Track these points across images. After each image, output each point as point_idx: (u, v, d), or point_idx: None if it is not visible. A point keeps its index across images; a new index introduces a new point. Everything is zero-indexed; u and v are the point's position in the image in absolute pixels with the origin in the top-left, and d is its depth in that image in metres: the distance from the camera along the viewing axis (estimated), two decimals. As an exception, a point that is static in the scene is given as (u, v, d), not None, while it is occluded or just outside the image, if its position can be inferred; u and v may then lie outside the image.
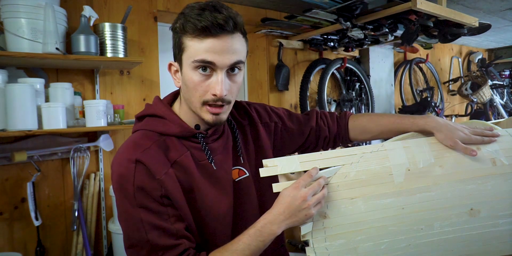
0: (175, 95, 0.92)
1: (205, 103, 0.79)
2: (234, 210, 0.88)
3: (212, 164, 0.85)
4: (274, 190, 0.81)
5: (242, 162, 0.93)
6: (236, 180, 0.90)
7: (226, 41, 0.75)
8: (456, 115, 3.97)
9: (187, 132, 0.84)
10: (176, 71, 0.84)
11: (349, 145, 1.08)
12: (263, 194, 0.96)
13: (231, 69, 0.78)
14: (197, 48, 0.75)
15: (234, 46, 0.76)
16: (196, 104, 0.80)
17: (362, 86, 3.08)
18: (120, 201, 0.78)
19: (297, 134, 1.05)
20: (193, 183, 0.82)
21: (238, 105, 1.01)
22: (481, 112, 4.10)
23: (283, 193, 0.78)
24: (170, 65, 0.86)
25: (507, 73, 4.59)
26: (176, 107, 0.89)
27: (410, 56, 3.69)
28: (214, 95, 0.77)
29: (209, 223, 0.84)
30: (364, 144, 2.61)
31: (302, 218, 0.76)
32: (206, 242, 0.85)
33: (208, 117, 0.80)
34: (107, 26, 1.83)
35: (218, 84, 0.76)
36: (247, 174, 0.93)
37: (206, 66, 0.76)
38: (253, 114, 1.01)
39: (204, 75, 0.77)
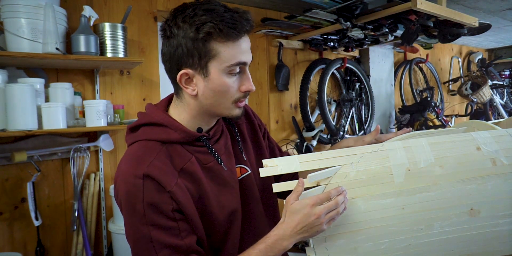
0: (168, 101, 0.90)
1: (236, 101, 0.81)
2: (242, 209, 0.88)
3: (222, 165, 0.85)
4: (274, 190, 0.81)
5: (244, 160, 0.93)
6: (239, 178, 0.90)
7: (249, 41, 0.79)
8: (456, 115, 3.97)
9: (191, 137, 0.83)
10: (189, 79, 0.79)
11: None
12: (264, 191, 0.96)
13: None
14: (232, 52, 0.75)
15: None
16: (226, 105, 0.81)
17: (362, 86, 3.08)
18: (129, 219, 0.75)
19: (277, 150, 1.09)
20: (201, 189, 0.81)
21: None
22: (481, 112, 4.10)
23: (296, 208, 0.74)
24: (185, 74, 0.78)
25: (507, 73, 4.59)
26: (173, 112, 0.86)
27: (410, 56, 3.69)
28: (247, 91, 0.80)
29: (220, 227, 0.83)
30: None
31: (313, 234, 0.75)
32: (218, 250, 0.85)
33: (237, 111, 0.83)
34: (107, 26, 1.83)
35: (250, 80, 0.80)
36: (249, 172, 0.93)
37: (240, 67, 0.78)
38: (250, 112, 1.02)
39: (236, 77, 0.79)
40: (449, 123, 3.51)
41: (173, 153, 0.81)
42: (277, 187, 0.81)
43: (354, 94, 2.99)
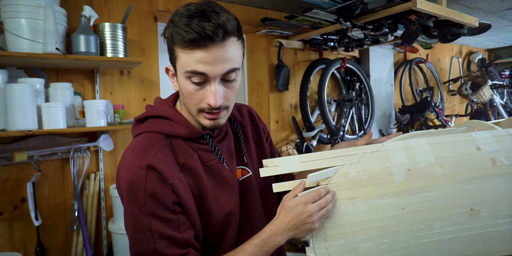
0: (177, 96, 0.91)
1: (201, 110, 0.78)
2: (240, 209, 0.88)
3: (224, 164, 0.86)
4: (274, 190, 0.82)
5: (245, 162, 0.93)
6: (240, 179, 0.91)
7: (217, 51, 0.72)
8: (456, 115, 3.97)
9: (195, 133, 0.83)
10: (173, 75, 0.83)
11: None
12: (264, 192, 0.96)
13: (226, 76, 0.76)
14: (187, 59, 0.73)
15: (226, 55, 0.73)
16: (193, 111, 0.80)
17: (362, 86, 3.08)
18: (129, 208, 0.75)
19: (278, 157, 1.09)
20: (201, 186, 0.81)
21: (241, 106, 1.03)
22: (481, 112, 4.10)
23: (289, 205, 0.77)
24: (167, 69, 0.85)
25: (507, 73, 4.59)
26: (179, 108, 0.88)
27: (410, 56, 3.69)
28: (208, 104, 0.76)
29: (217, 225, 0.84)
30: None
31: (306, 231, 0.78)
32: (214, 248, 0.85)
33: (206, 122, 0.80)
34: (107, 26, 1.83)
35: (212, 94, 0.75)
36: (250, 173, 0.94)
37: (199, 77, 0.74)
38: (254, 115, 1.03)
39: (197, 85, 0.75)
40: (449, 123, 3.52)
41: (176, 147, 0.81)
42: (277, 187, 0.82)
43: (354, 94, 2.99)
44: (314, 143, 2.76)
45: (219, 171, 0.85)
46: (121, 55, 1.86)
